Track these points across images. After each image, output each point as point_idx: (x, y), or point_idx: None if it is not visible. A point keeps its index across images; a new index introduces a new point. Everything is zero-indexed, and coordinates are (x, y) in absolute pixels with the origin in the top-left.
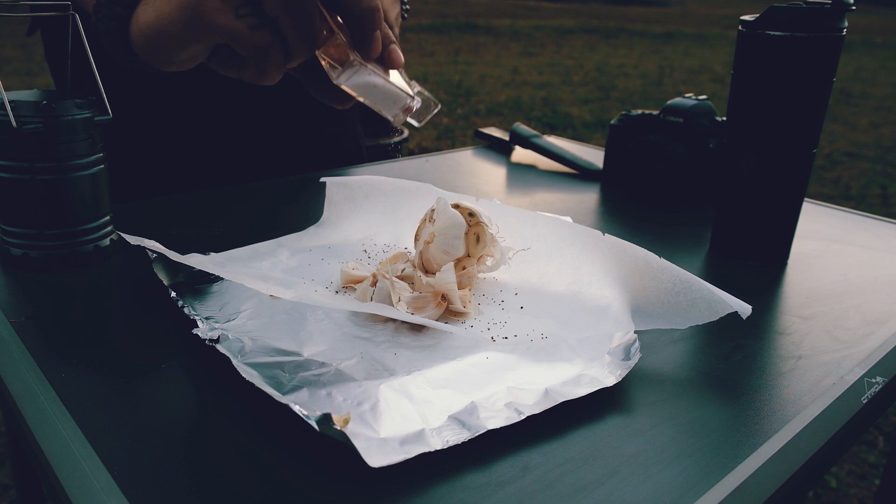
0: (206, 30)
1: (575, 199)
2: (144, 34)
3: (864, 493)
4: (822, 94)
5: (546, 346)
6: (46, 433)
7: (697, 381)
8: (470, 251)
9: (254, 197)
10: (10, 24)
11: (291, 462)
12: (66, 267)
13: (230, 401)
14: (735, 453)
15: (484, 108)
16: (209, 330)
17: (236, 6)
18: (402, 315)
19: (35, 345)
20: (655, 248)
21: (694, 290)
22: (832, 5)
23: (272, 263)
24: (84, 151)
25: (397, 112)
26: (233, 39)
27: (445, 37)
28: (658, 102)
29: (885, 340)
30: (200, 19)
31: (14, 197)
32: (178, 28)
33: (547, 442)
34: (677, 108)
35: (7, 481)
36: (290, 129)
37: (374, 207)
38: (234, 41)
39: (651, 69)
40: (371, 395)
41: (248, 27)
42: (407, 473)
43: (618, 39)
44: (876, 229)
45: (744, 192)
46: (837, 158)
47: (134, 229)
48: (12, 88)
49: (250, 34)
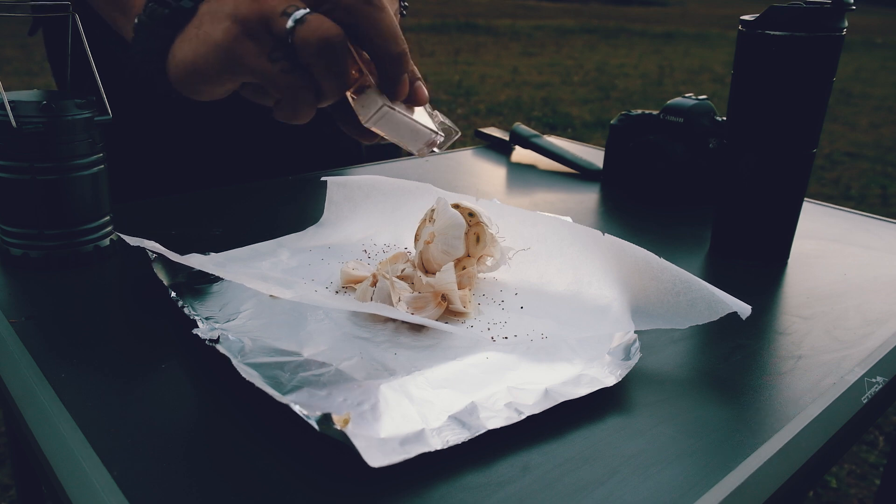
0: (240, 71)
1: (575, 199)
2: (180, 70)
3: (864, 493)
4: (822, 94)
5: (546, 346)
6: (46, 433)
7: (697, 381)
8: (470, 251)
9: (254, 197)
10: (11, 24)
11: (291, 462)
12: (66, 267)
13: (230, 401)
14: (735, 453)
15: (484, 108)
16: (209, 330)
17: (270, 50)
18: (402, 315)
19: (35, 345)
20: (655, 248)
21: (694, 290)
22: (832, 5)
23: (272, 263)
24: (84, 151)
25: (421, 147)
26: (266, 82)
27: (445, 37)
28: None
29: (885, 340)
30: (236, 62)
31: (14, 197)
32: (213, 68)
33: (547, 442)
34: (677, 108)
35: (7, 481)
36: (289, 129)
37: (374, 207)
38: (267, 83)
39: (651, 69)
40: (371, 395)
41: (281, 70)
42: (407, 473)
43: (618, 39)
44: (876, 229)
45: (744, 192)
46: (837, 158)
47: (134, 229)
48: (12, 88)
49: (283, 77)
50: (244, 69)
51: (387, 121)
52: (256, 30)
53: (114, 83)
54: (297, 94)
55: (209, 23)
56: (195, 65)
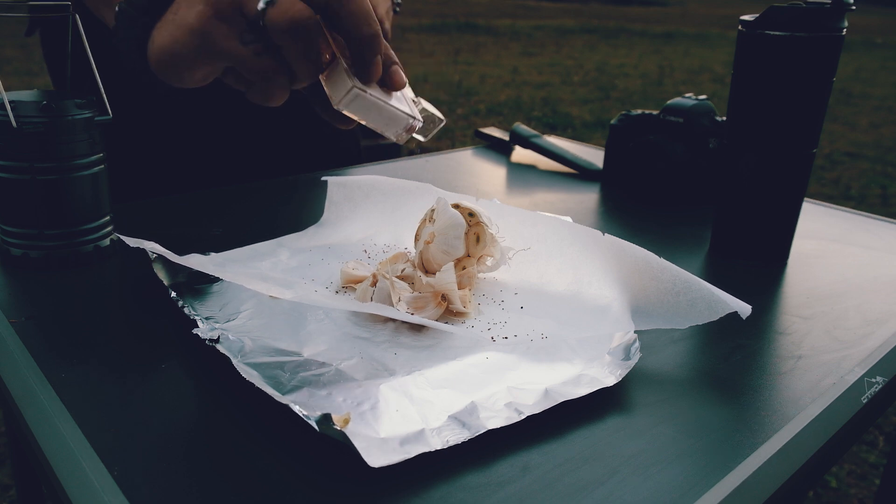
0: (213, 54)
1: (575, 199)
2: (159, 55)
3: (864, 493)
4: (822, 94)
5: (546, 346)
6: (46, 433)
7: (697, 381)
8: (470, 251)
9: (254, 197)
10: (11, 24)
11: (291, 462)
12: (66, 267)
13: (230, 401)
14: (735, 453)
15: (484, 108)
16: (209, 330)
17: (242, 32)
18: (402, 315)
19: (35, 345)
20: (655, 248)
21: (694, 289)
22: (832, 5)
23: (272, 263)
24: (84, 151)
25: (399, 132)
26: (238, 64)
27: (445, 37)
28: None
29: (885, 340)
30: (209, 44)
31: (14, 197)
32: (188, 51)
33: (547, 442)
34: (677, 108)
35: (7, 481)
36: (289, 129)
37: (374, 207)
38: (239, 66)
39: (651, 69)
40: (371, 395)
41: (254, 53)
42: (407, 473)
43: (618, 39)
44: (876, 229)
45: (744, 192)
46: (837, 158)
47: (134, 229)
48: (12, 88)
49: (255, 59)
50: (218, 52)
51: (358, 103)
52: (229, 12)
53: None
54: (269, 76)
55: (185, 7)
56: (172, 49)
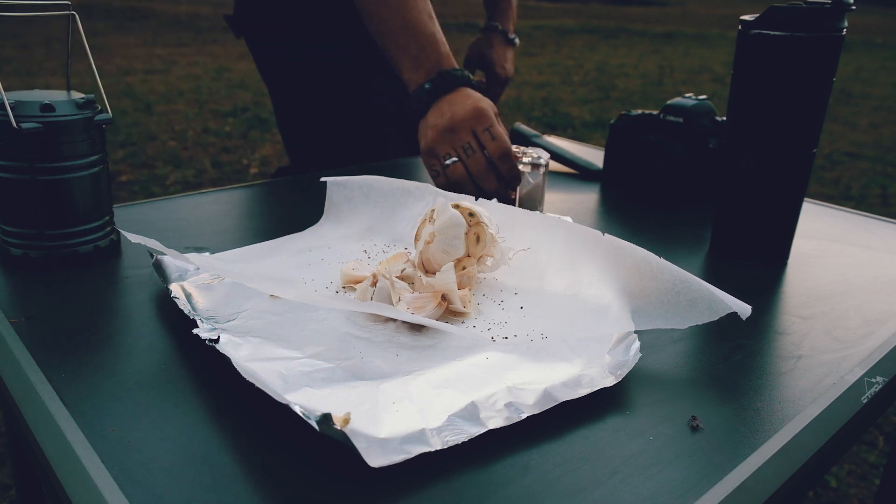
0: (425, 159)
1: (575, 199)
2: (426, 129)
3: (864, 493)
4: (821, 94)
5: (546, 346)
6: (46, 433)
7: (697, 381)
8: (470, 251)
9: (254, 197)
10: (11, 24)
11: (291, 462)
12: (66, 267)
13: (230, 401)
14: (735, 453)
15: None
16: (209, 330)
17: (444, 154)
18: (402, 315)
19: (35, 345)
20: (655, 248)
21: (694, 289)
22: (832, 5)
23: (272, 263)
24: (84, 151)
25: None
26: (433, 176)
27: (445, 37)
28: (658, 102)
29: (885, 340)
30: (426, 152)
31: (14, 197)
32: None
33: (547, 442)
34: (677, 108)
35: (7, 481)
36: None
37: (374, 207)
38: (434, 178)
39: (651, 69)
40: (371, 395)
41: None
42: (407, 473)
43: (618, 39)
44: (876, 229)
45: (744, 192)
46: (837, 158)
47: (134, 229)
48: (12, 88)
49: (442, 175)
50: (426, 160)
51: None
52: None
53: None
54: (461, 184)
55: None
56: (424, 134)
